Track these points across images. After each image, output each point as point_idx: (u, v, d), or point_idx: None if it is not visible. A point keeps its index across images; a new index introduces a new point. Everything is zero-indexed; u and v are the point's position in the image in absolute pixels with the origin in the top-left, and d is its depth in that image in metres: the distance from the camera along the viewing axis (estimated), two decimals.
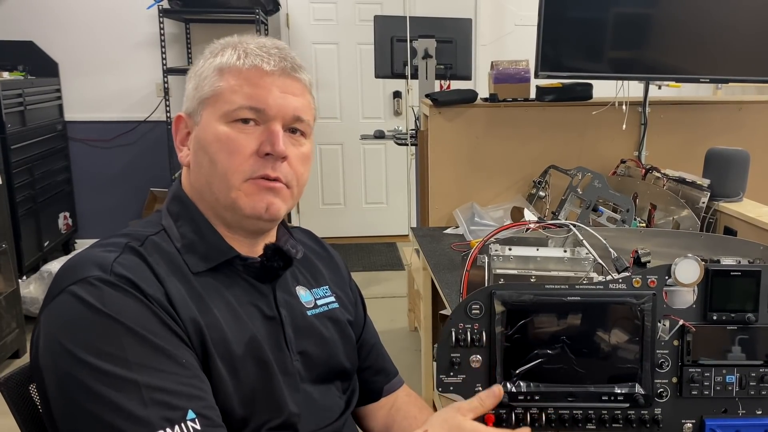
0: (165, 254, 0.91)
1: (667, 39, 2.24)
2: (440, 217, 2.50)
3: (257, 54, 0.93)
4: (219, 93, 0.93)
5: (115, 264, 0.85)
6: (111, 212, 4.57)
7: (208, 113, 0.93)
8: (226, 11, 4.24)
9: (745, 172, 1.91)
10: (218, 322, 0.89)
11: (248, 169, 0.92)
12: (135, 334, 0.81)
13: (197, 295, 0.90)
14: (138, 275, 0.85)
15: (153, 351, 0.81)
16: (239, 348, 0.90)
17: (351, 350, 1.08)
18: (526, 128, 2.47)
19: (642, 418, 0.98)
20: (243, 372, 0.90)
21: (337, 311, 1.08)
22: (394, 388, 1.18)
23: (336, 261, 1.16)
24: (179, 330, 0.85)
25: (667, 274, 0.97)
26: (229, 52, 0.94)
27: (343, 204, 5.16)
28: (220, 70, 0.93)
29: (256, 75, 0.92)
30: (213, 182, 0.93)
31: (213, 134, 0.92)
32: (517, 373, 0.96)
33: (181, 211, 0.96)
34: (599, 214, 2.06)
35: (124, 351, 0.80)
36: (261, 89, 0.92)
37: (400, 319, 3.58)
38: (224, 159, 0.91)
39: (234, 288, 0.95)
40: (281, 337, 0.97)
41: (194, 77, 0.96)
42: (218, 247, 0.94)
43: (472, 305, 0.97)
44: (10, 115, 3.64)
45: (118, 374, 0.79)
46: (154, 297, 0.84)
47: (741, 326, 0.98)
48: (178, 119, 0.98)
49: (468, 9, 4.65)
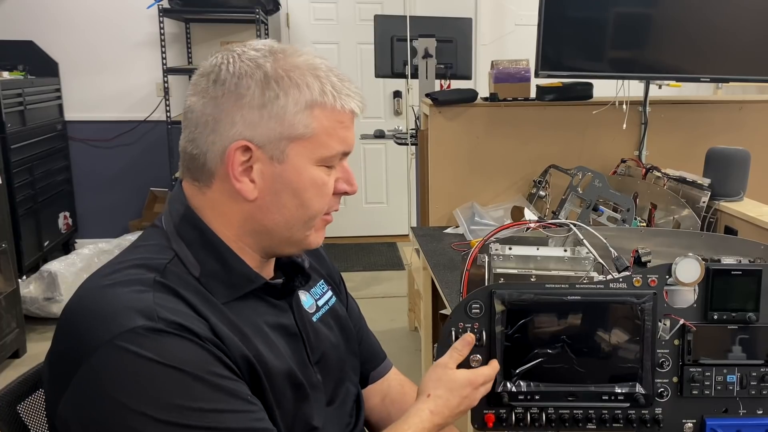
0: (190, 285, 0.85)
1: (667, 38, 2.24)
2: (440, 217, 2.50)
3: (348, 94, 0.88)
4: (313, 135, 0.86)
5: (158, 308, 0.79)
6: (111, 212, 4.57)
7: (297, 153, 0.86)
8: (226, 11, 4.23)
9: (746, 171, 1.91)
10: (259, 352, 0.87)
11: (327, 207, 0.91)
12: (201, 381, 0.78)
13: (234, 326, 0.85)
14: (183, 316, 0.80)
15: (222, 394, 0.79)
16: (279, 376, 0.88)
17: (353, 345, 1.08)
18: (527, 128, 2.47)
19: (642, 418, 0.98)
20: (284, 397, 0.89)
21: (336, 306, 1.07)
22: (382, 373, 1.17)
23: (319, 249, 1.12)
24: (233, 365, 0.82)
25: (667, 274, 0.97)
26: (315, 85, 0.86)
27: (343, 203, 5.10)
28: (311, 107, 0.85)
29: (348, 119, 0.89)
30: (296, 223, 0.89)
31: (309, 179, 0.87)
32: (517, 373, 0.96)
33: (196, 237, 0.88)
34: (600, 214, 2.06)
35: (198, 401, 0.77)
36: (350, 132, 0.90)
37: (401, 319, 3.58)
38: (318, 202, 0.89)
39: (260, 312, 0.92)
40: (303, 352, 0.96)
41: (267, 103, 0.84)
42: (247, 276, 0.90)
43: (472, 304, 0.97)
44: (10, 114, 3.64)
45: (195, 426, 0.76)
46: (205, 336, 0.80)
47: (742, 326, 0.98)
48: (242, 148, 0.85)
49: (468, 8, 4.65)
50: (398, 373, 1.20)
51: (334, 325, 1.05)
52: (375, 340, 1.19)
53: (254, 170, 0.86)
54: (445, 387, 0.95)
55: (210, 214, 0.89)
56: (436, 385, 0.95)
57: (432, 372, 0.97)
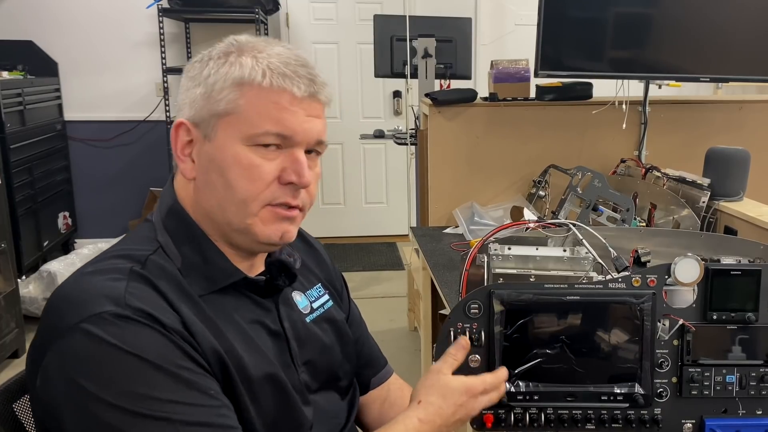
0: (169, 276, 0.85)
1: (667, 38, 2.23)
2: (440, 217, 2.50)
3: (284, 74, 0.85)
4: (240, 112, 0.85)
5: (128, 296, 0.80)
6: (111, 212, 4.57)
7: (224, 131, 0.86)
8: (226, 10, 4.23)
9: (746, 171, 1.91)
10: (233, 347, 0.86)
11: (268, 196, 0.86)
12: (161, 370, 0.78)
13: (209, 320, 0.85)
14: (153, 305, 0.81)
15: (182, 386, 0.78)
16: (256, 371, 0.87)
17: (350, 350, 1.07)
18: (526, 128, 2.47)
19: (642, 418, 0.98)
20: (262, 396, 0.88)
21: (332, 310, 1.05)
22: (383, 379, 1.16)
23: (321, 254, 1.13)
24: (201, 359, 0.82)
25: (666, 274, 0.97)
26: (249, 64, 0.86)
27: (343, 204, 5.15)
28: (240, 85, 0.85)
29: (285, 99, 0.85)
30: (227, 207, 0.87)
31: (232, 157, 0.85)
32: (516, 373, 0.96)
33: (180, 228, 0.90)
34: (599, 214, 2.06)
35: (154, 389, 0.77)
36: (289, 114, 0.85)
37: (400, 319, 3.58)
38: (244, 185, 0.85)
39: (240, 308, 0.91)
40: (287, 352, 0.95)
41: (203, 83, 0.87)
42: (225, 270, 0.90)
43: (471, 305, 0.96)
44: (10, 114, 3.63)
45: (149, 414, 0.76)
46: (173, 327, 0.80)
47: (741, 326, 0.97)
48: (180, 126, 0.88)
49: (468, 8, 4.64)
50: (399, 378, 1.20)
51: (329, 328, 1.03)
52: (376, 346, 1.18)
53: (194, 149, 0.88)
54: (438, 393, 0.90)
55: (193, 207, 0.91)
56: (429, 392, 0.90)
57: (425, 378, 0.93)
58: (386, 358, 1.19)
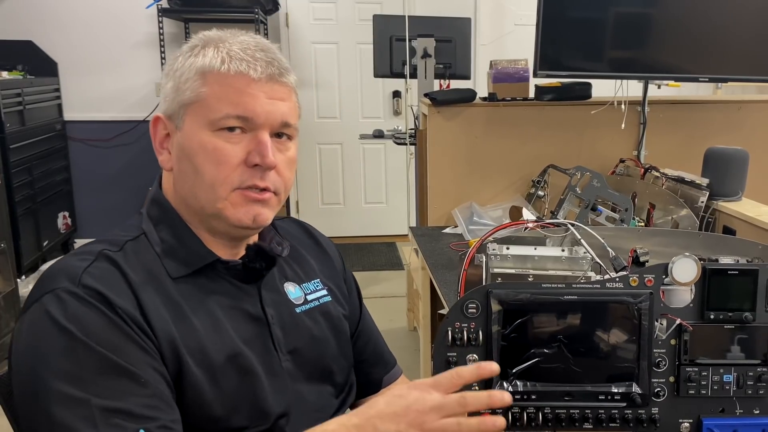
0: (143, 260, 0.89)
1: (666, 38, 2.23)
2: (439, 217, 2.50)
3: (242, 59, 0.89)
4: (202, 99, 0.89)
5: (85, 274, 0.83)
6: (110, 212, 4.57)
7: (191, 120, 0.90)
8: (226, 11, 4.23)
9: (744, 171, 1.91)
10: (196, 331, 0.88)
11: (236, 179, 0.89)
12: (93, 351, 0.79)
13: (174, 303, 0.88)
14: (108, 285, 0.83)
15: (110, 369, 0.79)
16: (219, 356, 0.88)
17: (345, 346, 1.07)
18: (525, 128, 2.47)
19: (639, 418, 0.98)
20: (224, 381, 0.88)
21: (329, 305, 1.06)
22: (393, 378, 1.17)
23: (328, 253, 1.13)
24: (146, 342, 0.83)
25: (664, 273, 0.97)
26: (210, 53, 0.90)
27: (343, 204, 5.16)
28: (202, 74, 0.89)
29: (242, 82, 0.88)
30: (198, 192, 0.90)
31: (198, 143, 0.89)
32: (513, 373, 0.96)
33: (161, 215, 0.94)
34: (598, 214, 2.06)
35: (81, 369, 0.78)
36: (247, 97, 0.88)
37: (400, 319, 3.58)
38: (211, 169, 0.88)
39: (217, 292, 0.93)
40: (268, 338, 0.95)
41: (172, 76, 0.92)
42: (198, 252, 0.93)
43: (469, 304, 0.96)
44: (9, 114, 3.64)
45: (72, 393, 0.77)
46: (123, 308, 0.82)
47: (738, 325, 0.97)
48: (156, 120, 0.94)
49: (467, 8, 4.65)
50: (406, 379, 1.21)
51: (323, 321, 1.04)
52: (386, 347, 1.20)
53: (170, 141, 0.93)
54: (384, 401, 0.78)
55: (173, 195, 0.95)
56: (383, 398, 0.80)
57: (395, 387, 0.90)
58: (396, 359, 1.20)
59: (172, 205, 0.95)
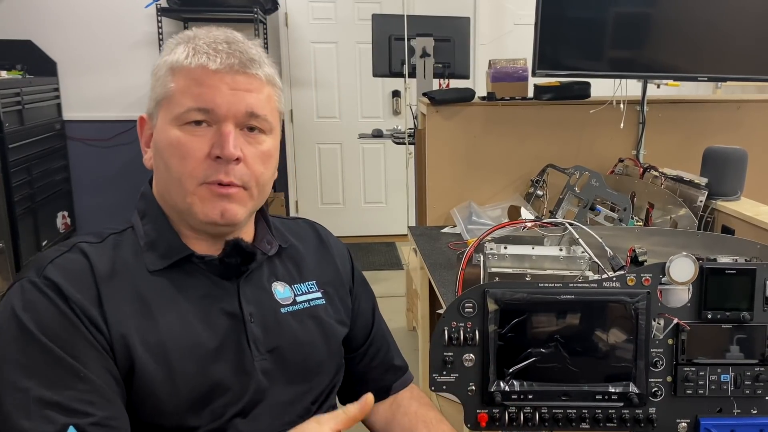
0: (122, 253, 0.91)
1: (665, 37, 2.23)
2: (438, 216, 2.49)
3: (204, 51, 0.89)
4: (171, 95, 0.90)
5: (50, 266, 0.86)
6: (109, 211, 4.56)
7: (162, 116, 0.91)
8: (225, 10, 4.23)
9: (743, 170, 1.91)
10: (158, 326, 0.88)
11: (201, 173, 0.89)
12: (38, 343, 0.80)
13: (142, 298, 0.89)
14: (68, 278, 0.85)
15: (52, 361, 0.80)
16: (178, 353, 0.88)
17: (334, 350, 1.05)
18: (524, 127, 2.46)
19: (636, 418, 0.98)
20: (180, 377, 0.87)
21: (320, 309, 1.04)
22: (403, 385, 1.17)
23: (335, 257, 1.12)
24: (96, 337, 0.83)
25: (661, 273, 0.96)
26: (180, 50, 0.91)
27: (342, 203, 5.16)
28: (172, 70, 0.90)
29: (202, 74, 0.88)
30: (170, 187, 0.92)
31: (166, 138, 0.90)
32: (510, 372, 0.96)
33: (146, 209, 0.96)
34: (597, 213, 2.06)
35: (26, 358, 0.80)
36: (208, 88, 0.88)
37: (399, 319, 3.58)
38: (177, 164, 0.89)
39: (191, 287, 0.93)
40: (242, 336, 0.94)
41: (152, 75, 0.94)
42: (174, 246, 0.93)
43: (465, 304, 0.96)
44: (9, 114, 3.64)
45: (15, 381, 0.79)
46: (76, 302, 0.83)
47: (736, 325, 0.97)
48: (141, 121, 0.96)
49: (467, 8, 4.65)
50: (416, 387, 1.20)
51: (312, 324, 1.02)
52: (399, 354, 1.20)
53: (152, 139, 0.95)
54: None
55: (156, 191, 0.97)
56: None
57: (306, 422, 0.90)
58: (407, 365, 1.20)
59: (158, 201, 0.96)
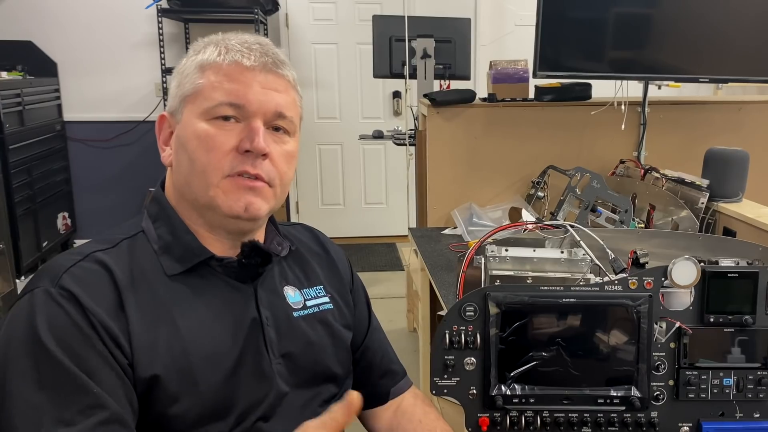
0: (138, 259, 0.89)
1: (666, 39, 2.23)
2: (438, 218, 2.49)
3: (237, 50, 0.92)
4: (200, 90, 0.91)
5: (66, 275, 0.83)
6: (110, 212, 4.57)
7: (188, 111, 0.92)
8: (225, 11, 4.23)
9: (745, 172, 1.90)
10: (178, 333, 0.87)
11: (227, 165, 0.89)
12: (51, 356, 0.79)
13: (162, 304, 0.87)
14: (86, 288, 0.83)
15: (63, 375, 0.79)
16: (201, 361, 0.87)
17: (343, 355, 1.05)
18: (525, 128, 2.46)
19: (638, 421, 0.97)
20: (204, 384, 0.87)
21: (328, 314, 1.04)
22: (401, 390, 1.15)
23: (336, 262, 1.12)
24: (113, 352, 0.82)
25: (663, 276, 0.96)
26: (210, 49, 0.93)
27: (343, 204, 5.15)
28: (202, 67, 0.92)
29: (235, 70, 0.91)
30: (192, 181, 0.91)
31: (192, 132, 0.90)
32: (511, 376, 0.95)
33: (159, 213, 0.95)
34: (598, 215, 2.05)
35: (38, 372, 0.78)
36: (241, 84, 0.90)
37: (399, 320, 3.57)
38: (203, 156, 0.89)
39: (211, 291, 0.92)
40: (261, 339, 0.94)
41: (177, 75, 0.95)
42: (192, 249, 0.92)
43: (467, 307, 0.96)
44: (9, 115, 3.64)
45: (25, 397, 0.78)
46: (95, 314, 0.82)
47: (738, 328, 0.97)
48: (161, 119, 0.96)
49: (467, 9, 4.64)
50: (415, 388, 1.19)
51: (321, 329, 1.02)
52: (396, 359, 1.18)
53: (172, 138, 0.95)
54: None
55: (172, 192, 0.96)
56: None
57: None
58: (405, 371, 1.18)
59: (172, 203, 0.95)
